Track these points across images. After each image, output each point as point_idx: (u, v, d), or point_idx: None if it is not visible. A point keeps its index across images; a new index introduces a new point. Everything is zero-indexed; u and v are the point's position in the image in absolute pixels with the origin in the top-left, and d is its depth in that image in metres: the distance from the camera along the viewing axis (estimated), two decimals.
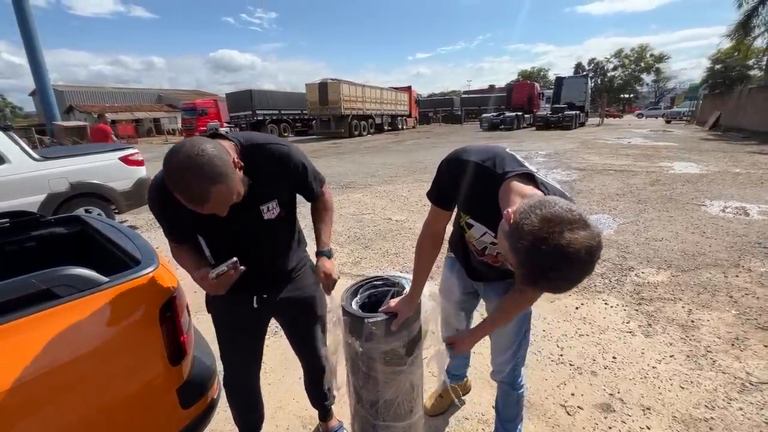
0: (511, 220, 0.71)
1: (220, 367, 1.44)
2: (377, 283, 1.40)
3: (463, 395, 1.94)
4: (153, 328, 1.16)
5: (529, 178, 0.89)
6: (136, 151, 4.80)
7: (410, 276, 1.28)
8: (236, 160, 0.97)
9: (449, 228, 1.31)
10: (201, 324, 1.62)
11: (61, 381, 0.96)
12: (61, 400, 0.96)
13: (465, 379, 1.93)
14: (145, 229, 5.10)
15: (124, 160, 4.60)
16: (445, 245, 1.38)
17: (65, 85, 38.85)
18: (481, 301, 1.48)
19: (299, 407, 1.90)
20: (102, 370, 1.03)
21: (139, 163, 4.79)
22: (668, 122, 26.06)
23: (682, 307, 2.66)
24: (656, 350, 2.22)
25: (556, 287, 0.70)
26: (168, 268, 1.31)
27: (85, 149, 4.74)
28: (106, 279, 1.14)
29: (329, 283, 1.30)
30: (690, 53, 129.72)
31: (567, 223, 0.65)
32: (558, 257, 0.64)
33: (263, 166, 1.10)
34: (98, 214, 4.31)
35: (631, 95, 54.67)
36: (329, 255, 1.32)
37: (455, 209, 1.17)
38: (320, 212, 1.36)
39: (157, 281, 1.20)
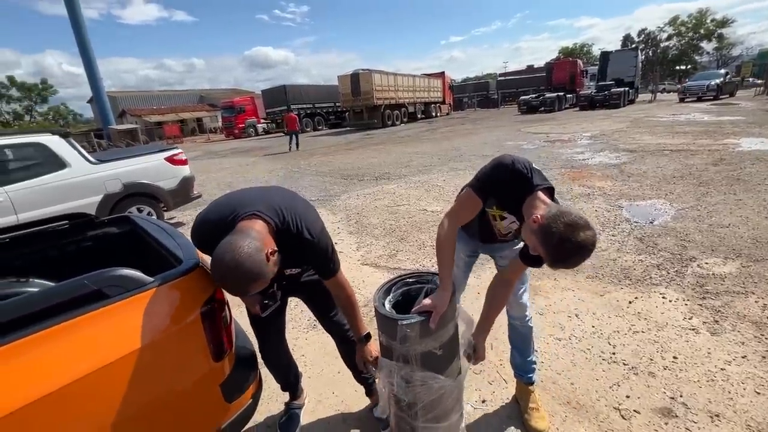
0: (539, 223, 1.05)
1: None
2: (410, 280, 1.36)
3: None
4: (195, 326, 1.19)
5: (549, 192, 1.20)
6: (180, 151, 5.05)
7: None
8: (272, 250, 1.07)
9: None
10: (242, 318, 1.66)
11: (108, 379, 1.00)
12: (109, 396, 1.01)
13: None
14: (190, 226, 5.38)
15: (170, 160, 4.85)
16: None
17: (117, 91, 41.85)
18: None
19: (338, 401, 1.91)
20: (148, 368, 1.06)
21: (183, 162, 5.03)
22: (682, 100, 19.75)
23: (755, 301, 2.39)
24: (725, 350, 2.00)
25: (570, 266, 1.04)
26: (208, 267, 1.33)
27: (134, 151, 5.05)
28: (150, 279, 1.18)
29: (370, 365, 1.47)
30: (760, 14, 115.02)
31: (580, 227, 0.98)
32: (577, 250, 0.99)
33: (292, 248, 1.22)
34: (148, 213, 4.59)
35: (689, 66, 49.75)
36: (366, 340, 1.45)
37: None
38: (344, 306, 1.43)
39: (197, 280, 1.23)
